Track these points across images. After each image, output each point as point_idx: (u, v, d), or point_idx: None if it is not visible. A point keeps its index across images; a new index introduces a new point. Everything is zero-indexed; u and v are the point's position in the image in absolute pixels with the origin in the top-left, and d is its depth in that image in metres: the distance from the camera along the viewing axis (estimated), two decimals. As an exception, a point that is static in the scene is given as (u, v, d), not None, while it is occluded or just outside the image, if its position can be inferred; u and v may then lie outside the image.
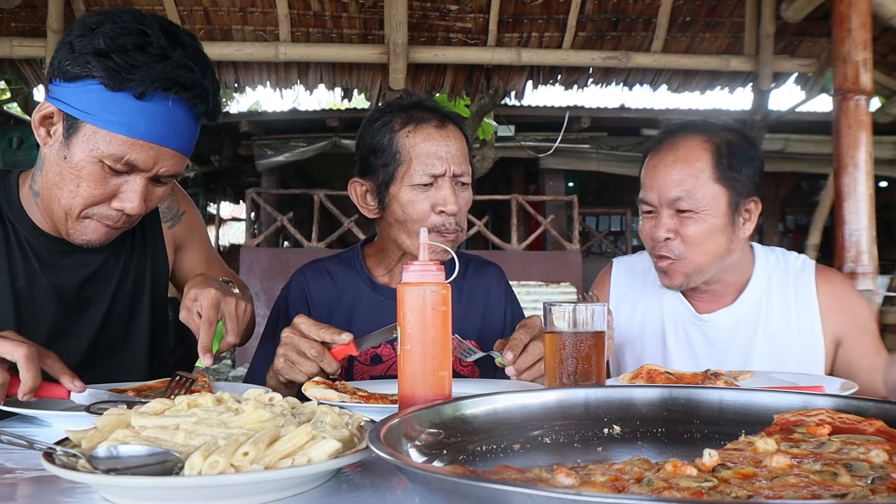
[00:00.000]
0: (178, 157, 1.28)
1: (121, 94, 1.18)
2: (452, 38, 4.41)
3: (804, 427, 0.78)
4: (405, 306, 0.96)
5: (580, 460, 0.80)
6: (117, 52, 1.16)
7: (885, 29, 3.68)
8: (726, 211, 1.54)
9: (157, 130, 1.21)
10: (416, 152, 1.55)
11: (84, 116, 1.19)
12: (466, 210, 1.62)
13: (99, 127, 1.19)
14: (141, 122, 1.19)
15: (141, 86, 1.17)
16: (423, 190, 1.55)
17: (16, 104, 8.08)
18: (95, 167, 1.22)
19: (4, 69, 4.41)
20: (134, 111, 1.19)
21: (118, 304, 1.50)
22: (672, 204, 1.54)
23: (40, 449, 0.74)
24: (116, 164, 1.21)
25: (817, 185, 9.20)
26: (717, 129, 1.60)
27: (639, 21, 4.31)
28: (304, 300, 1.68)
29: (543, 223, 8.26)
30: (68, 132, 1.22)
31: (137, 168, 1.23)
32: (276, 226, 8.27)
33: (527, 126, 9.97)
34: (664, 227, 1.56)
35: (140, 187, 1.25)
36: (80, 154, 1.21)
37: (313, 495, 0.74)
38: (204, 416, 0.80)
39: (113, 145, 1.20)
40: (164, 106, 1.21)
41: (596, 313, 1.12)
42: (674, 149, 1.58)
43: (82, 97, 1.19)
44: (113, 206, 1.26)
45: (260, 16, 4.23)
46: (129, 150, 1.20)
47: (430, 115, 1.60)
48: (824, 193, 4.54)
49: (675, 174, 1.54)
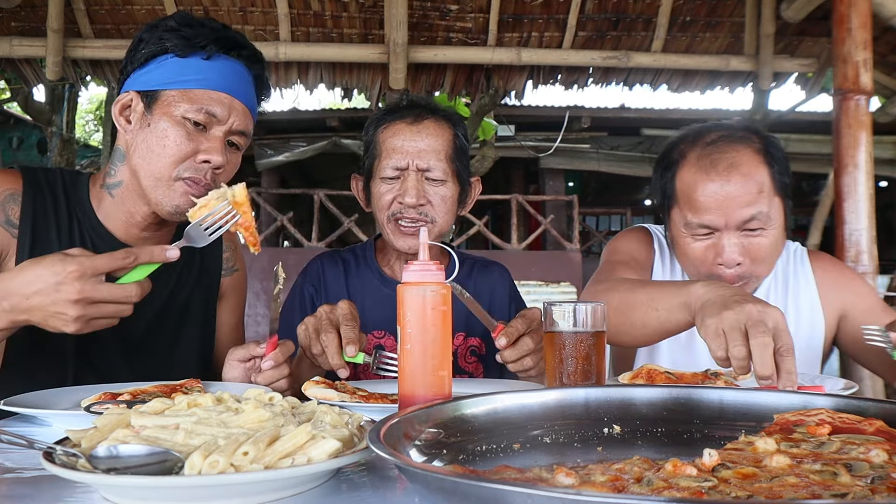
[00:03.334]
0: (246, 113, 1.43)
1: (192, 59, 1.36)
2: (452, 37, 4.41)
3: (804, 427, 0.78)
4: (405, 306, 0.96)
5: (580, 460, 0.80)
6: (185, 26, 1.37)
7: (885, 29, 3.68)
8: (783, 219, 1.50)
9: (227, 82, 1.38)
10: (385, 146, 1.64)
11: (161, 86, 1.36)
12: (444, 206, 1.64)
13: (177, 89, 1.35)
14: (212, 76, 1.37)
15: (207, 47, 1.36)
16: (390, 182, 1.63)
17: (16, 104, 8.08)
18: (178, 127, 1.34)
19: (4, 69, 4.40)
20: (204, 68, 1.36)
21: (165, 320, 1.52)
22: (742, 224, 1.45)
23: (40, 449, 0.74)
24: (198, 115, 1.35)
25: (817, 185, 9.19)
26: (753, 133, 1.53)
27: (639, 21, 4.31)
28: (318, 281, 1.75)
29: (543, 223, 8.26)
30: (149, 106, 1.36)
31: (215, 118, 1.37)
32: (276, 225, 8.26)
33: (527, 126, 9.96)
34: (735, 251, 1.46)
35: (219, 141, 1.38)
36: (163, 118, 1.34)
37: (313, 495, 0.74)
38: (204, 416, 0.80)
39: (191, 99, 1.35)
40: (228, 64, 1.39)
41: (596, 313, 1.12)
42: (733, 165, 1.47)
43: (157, 73, 1.36)
44: (198, 158, 1.36)
45: (260, 16, 4.22)
46: (206, 101, 1.36)
47: (410, 111, 1.66)
48: (824, 193, 4.54)
49: (745, 193, 1.44)
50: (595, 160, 10.21)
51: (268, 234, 8.34)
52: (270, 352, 1.28)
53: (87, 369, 1.40)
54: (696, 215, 1.49)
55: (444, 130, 1.65)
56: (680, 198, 1.54)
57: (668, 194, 1.59)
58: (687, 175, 1.52)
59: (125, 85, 1.41)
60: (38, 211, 1.39)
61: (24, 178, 1.40)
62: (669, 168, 1.58)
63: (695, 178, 1.50)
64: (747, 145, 1.50)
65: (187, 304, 1.57)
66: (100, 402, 1.07)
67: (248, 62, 1.43)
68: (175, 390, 1.17)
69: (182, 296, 1.55)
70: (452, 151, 1.65)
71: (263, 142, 10.03)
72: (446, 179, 1.64)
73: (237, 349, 1.34)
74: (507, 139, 9.54)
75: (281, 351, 1.29)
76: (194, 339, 1.58)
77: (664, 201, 1.62)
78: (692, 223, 1.50)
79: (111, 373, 1.40)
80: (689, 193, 1.50)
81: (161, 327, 1.51)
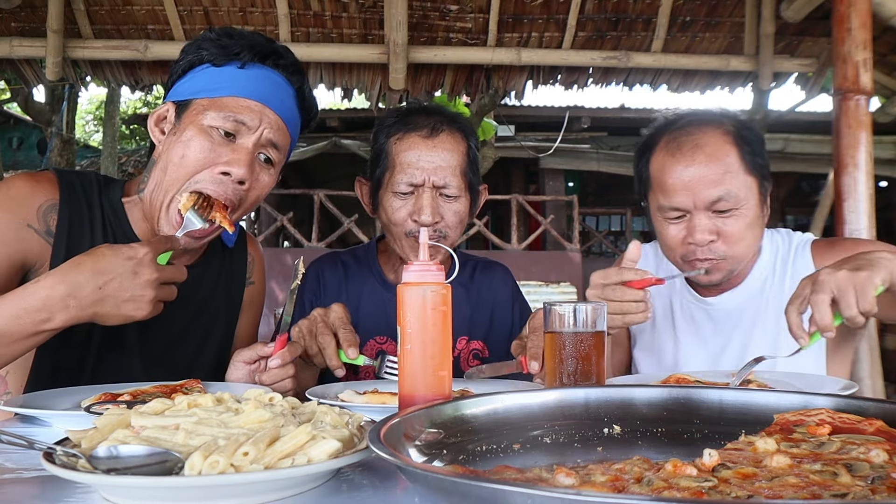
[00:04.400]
0: (281, 126, 1.37)
1: (227, 67, 1.34)
2: (452, 38, 4.40)
3: (804, 427, 0.78)
4: (405, 306, 0.96)
5: (580, 460, 0.80)
6: (225, 36, 1.36)
7: (885, 29, 3.67)
8: (758, 200, 1.50)
9: (259, 89, 1.34)
10: (400, 160, 1.58)
11: (194, 95, 1.34)
12: (456, 221, 1.61)
13: (208, 97, 1.32)
14: (244, 83, 1.33)
15: (243, 55, 1.34)
16: (403, 198, 1.58)
17: (16, 104, 8.08)
18: (202, 136, 1.30)
19: (4, 69, 4.40)
20: (238, 76, 1.34)
21: (188, 336, 1.50)
22: (711, 205, 1.46)
23: (40, 449, 0.74)
24: (226, 122, 1.30)
25: (817, 185, 9.20)
26: (724, 117, 1.54)
27: (639, 21, 4.31)
28: (317, 285, 1.73)
29: (543, 223, 8.26)
30: (179, 114, 1.34)
31: (244, 126, 1.32)
32: (276, 226, 8.26)
33: (527, 126, 9.97)
34: (705, 230, 1.47)
35: (247, 153, 1.32)
36: (189, 126, 1.31)
37: (313, 495, 0.74)
38: (204, 416, 0.80)
39: (220, 107, 1.31)
40: (263, 72, 1.36)
41: (596, 313, 1.12)
42: (698, 145, 1.48)
43: (192, 82, 1.35)
44: (216, 170, 1.30)
45: (260, 16, 4.22)
46: (235, 108, 1.31)
47: (424, 122, 1.60)
48: (824, 193, 4.53)
49: (710, 173, 1.45)
50: (595, 160, 10.22)
51: (268, 234, 8.35)
52: (279, 350, 1.28)
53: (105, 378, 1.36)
54: (666, 198, 1.51)
55: (459, 144, 1.61)
56: (653, 182, 1.56)
57: (644, 180, 1.60)
58: (657, 159, 1.54)
59: (166, 97, 1.40)
60: (74, 219, 1.36)
61: (60, 184, 1.37)
62: (643, 155, 1.60)
63: (663, 162, 1.52)
64: (715, 127, 1.51)
65: (212, 318, 1.55)
66: (100, 402, 1.07)
67: (285, 72, 1.39)
68: (175, 391, 1.17)
69: (209, 310, 1.54)
70: (467, 165, 1.62)
71: (263, 142, 10.02)
72: (460, 195, 1.61)
73: (244, 350, 1.33)
74: (507, 139, 9.54)
75: (289, 350, 1.29)
76: (214, 355, 1.56)
77: (641, 188, 1.63)
78: (664, 206, 1.52)
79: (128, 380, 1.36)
80: (660, 177, 1.53)
81: (183, 342, 1.50)
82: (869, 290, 1.13)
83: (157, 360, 1.45)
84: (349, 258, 1.78)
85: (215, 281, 1.55)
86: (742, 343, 1.59)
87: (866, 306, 1.13)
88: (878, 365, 2.95)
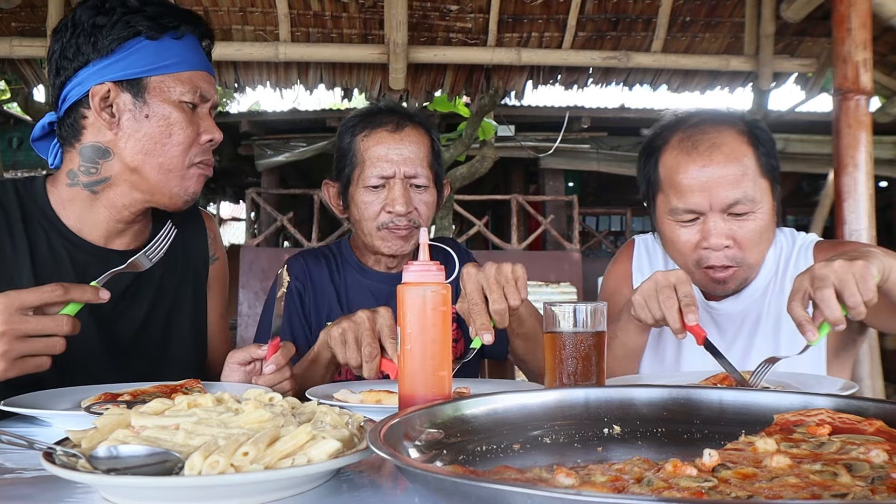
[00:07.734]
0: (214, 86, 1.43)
1: (164, 41, 1.32)
2: (452, 38, 4.40)
3: (804, 427, 0.78)
4: (405, 306, 0.96)
5: (580, 460, 0.80)
6: (147, 4, 1.31)
7: (885, 29, 3.67)
8: (771, 204, 1.47)
9: (202, 60, 1.38)
10: (369, 155, 1.65)
11: (146, 72, 1.30)
12: (427, 211, 1.68)
13: (165, 73, 1.31)
14: (191, 56, 1.35)
15: (180, 27, 1.33)
16: (375, 191, 1.65)
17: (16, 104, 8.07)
18: (179, 112, 1.32)
19: (4, 69, 4.40)
20: (181, 49, 1.34)
21: (153, 322, 1.47)
22: (728, 208, 1.41)
23: (40, 449, 0.74)
24: (193, 96, 1.34)
25: (817, 185, 9.19)
26: (737, 116, 1.50)
27: (639, 21, 4.31)
28: (304, 277, 1.76)
29: (543, 223, 8.25)
30: (137, 94, 1.30)
31: (205, 98, 1.37)
32: (276, 226, 8.26)
33: (527, 126, 9.96)
34: (721, 234, 1.42)
35: (210, 118, 1.39)
36: (161, 105, 1.31)
37: (313, 495, 0.74)
38: (204, 416, 0.80)
39: (182, 82, 1.32)
40: (193, 41, 1.37)
41: (596, 313, 1.12)
42: (715, 145, 1.43)
43: (132, 58, 1.30)
44: (203, 139, 1.36)
45: (260, 16, 4.22)
46: (196, 81, 1.35)
47: (388, 118, 1.67)
48: (824, 193, 4.54)
49: (728, 174, 1.40)
50: (595, 160, 10.21)
51: (268, 234, 8.35)
52: (272, 355, 1.27)
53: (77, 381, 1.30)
54: (680, 199, 1.45)
55: (423, 137, 1.69)
56: (664, 183, 1.50)
57: (652, 181, 1.55)
58: (669, 159, 1.48)
59: (82, 76, 1.29)
60: None
61: None
62: (652, 155, 1.55)
63: (677, 161, 1.46)
64: (730, 126, 1.46)
65: (176, 301, 1.51)
66: (100, 402, 1.07)
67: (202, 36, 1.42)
68: (175, 391, 1.17)
69: (169, 293, 1.50)
70: (432, 157, 1.70)
71: (263, 142, 10.03)
72: (429, 185, 1.68)
73: (237, 352, 1.32)
74: (507, 139, 9.53)
75: (282, 354, 1.28)
76: (185, 337, 1.53)
77: (648, 189, 1.58)
78: (677, 208, 1.46)
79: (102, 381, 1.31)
80: (672, 177, 1.47)
81: (149, 330, 1.46)
82: (868, 277, 1.12)
83: (127, 347, 1.41)
84: (327, 252, 1.83)
85: (176, 260, 1.52)
86: (744, 346, 1.58)
87: (869, 294, 1.12)
88: (878, 365, 2.95)
